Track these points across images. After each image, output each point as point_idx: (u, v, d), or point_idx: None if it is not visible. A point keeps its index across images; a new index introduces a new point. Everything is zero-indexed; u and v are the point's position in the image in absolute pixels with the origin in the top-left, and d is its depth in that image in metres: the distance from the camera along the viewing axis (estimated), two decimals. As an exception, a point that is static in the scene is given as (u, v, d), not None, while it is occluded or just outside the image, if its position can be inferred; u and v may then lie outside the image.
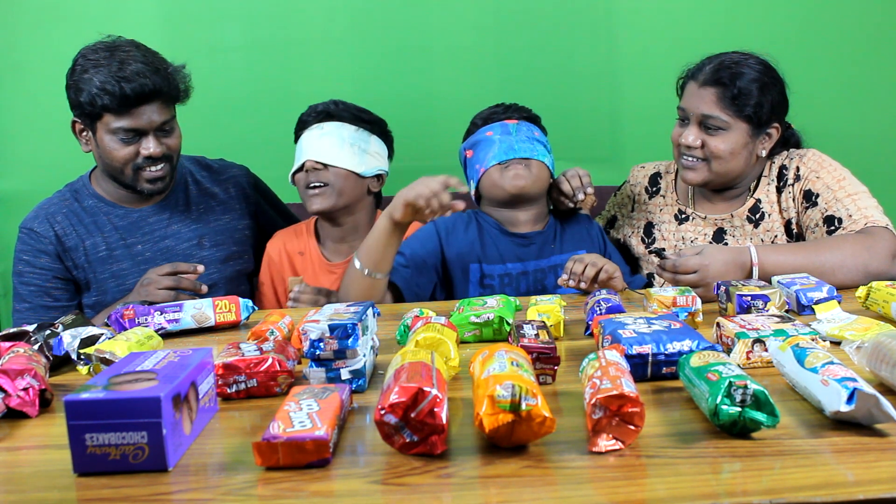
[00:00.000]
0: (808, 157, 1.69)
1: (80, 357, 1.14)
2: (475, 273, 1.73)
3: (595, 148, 2.40)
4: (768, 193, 1.70)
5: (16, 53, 2.30)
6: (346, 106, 1.85)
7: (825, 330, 1.11)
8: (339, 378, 0.98)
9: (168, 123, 1.68)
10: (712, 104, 1.63)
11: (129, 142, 1.65)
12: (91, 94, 1.60)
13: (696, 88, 1.66)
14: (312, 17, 2.34)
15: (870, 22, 2.34)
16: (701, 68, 1.68)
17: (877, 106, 2.37)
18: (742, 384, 0.76)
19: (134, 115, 1.62)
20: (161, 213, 1.79)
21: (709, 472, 0.71)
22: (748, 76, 1.63)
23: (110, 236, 1.76)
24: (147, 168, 1.68)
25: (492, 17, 2.36)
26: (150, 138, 1.65)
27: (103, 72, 1.59)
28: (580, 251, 1.75)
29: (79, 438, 0.75)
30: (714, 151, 1.64)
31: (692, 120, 1.66)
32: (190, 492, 0.73)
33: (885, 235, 1.52)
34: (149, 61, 1.64)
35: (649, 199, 1.87)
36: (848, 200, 1.59)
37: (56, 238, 1.74)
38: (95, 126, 1.65)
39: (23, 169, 2.33)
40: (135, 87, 1.59)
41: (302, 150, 1.82)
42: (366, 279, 1.54)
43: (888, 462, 0.71)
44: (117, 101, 1.59)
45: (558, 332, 1.23)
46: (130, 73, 1.59)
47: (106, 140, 1.65)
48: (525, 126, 1.76)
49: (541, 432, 0.75)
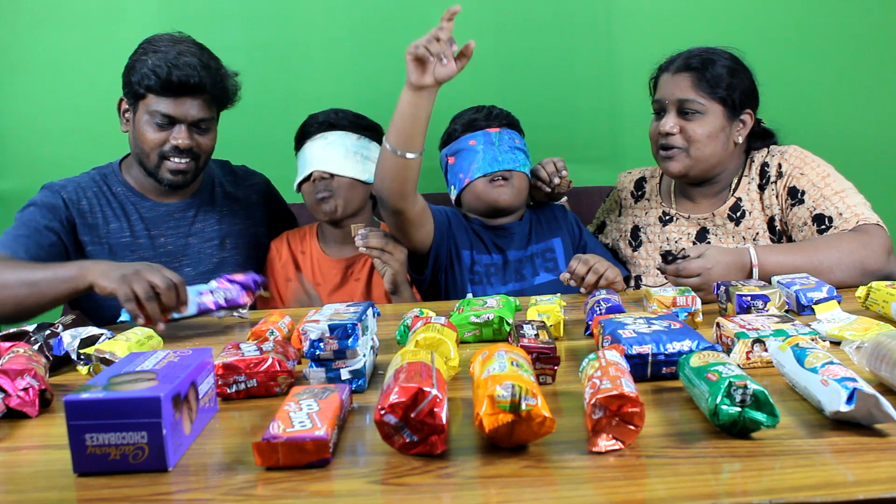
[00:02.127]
0: (790, 154, 1.69)
1: (80, 357, 1.14)
2: (467, 259, 1.77)
3: (595, 148, 2.40)
4: (749, 192, 1.71)
5: (16, 53, 2.29)
6: (346, 114, 1.86)
7: (825, 330, 1.11)
8: (339, 378, 0.98)
9: (205, 122, 1.72)
10: (688, 88, 1.66)
11: (162, 127, 1.68)
12: (141, 74, 1.65)
13: (671, 77, 1.69)
14: (313, 19, 2.34)
15: (866, 24, 2.34)
16: (672, 61, 1.72)
17: (872, 106, 2.37)
18: (742, 384, 0.76)
19: (174, 102, 1.66)
20: (188, 210, 1.81)
21: (709, 472, 0.71)
22: (719, 62, 1.67)
23: (136, 225, 1.77)
24: (171, 158, 1.70)
25: (492, 17, 2.36)
26: (182, 129, 1.68)
27: (160, 56, 1.65)
28: (555, 239, 1.81)
29: (79, 438, 0.75)
30: (692, 136, 1.66)
31: (669, 107, 1.68)
32: (190, 492, 0.73)
33: (879, 233, 1.53)
34: (203, 58, 1.69)
35: (635, 202, 1.90)
36: (836, 198, 1.60)
37: (79, 212, 1.73)
38: (137, 105, 1.69)
39: (23, 169, 2.33)
40: (181, 75, 1.64)
41: (307, 161, 1.83)
42: (398, 160, 1.51)
43: (888, 462, 0.71)
44: (161, 84, 1.64)
45: (558, 332, 1.23)
46: (182, 63, 1.65)
47: (143, 121, 1.68)
48: (507, 134, 1.78)
49: (541, 432, 0.75)
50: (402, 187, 1.55)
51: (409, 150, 1.51)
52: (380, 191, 1.58)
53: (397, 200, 1.56)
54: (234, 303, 1.47)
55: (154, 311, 1.32)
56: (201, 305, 1.42)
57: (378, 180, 1.58)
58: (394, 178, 1.54)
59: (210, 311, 1.44)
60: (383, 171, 1.55)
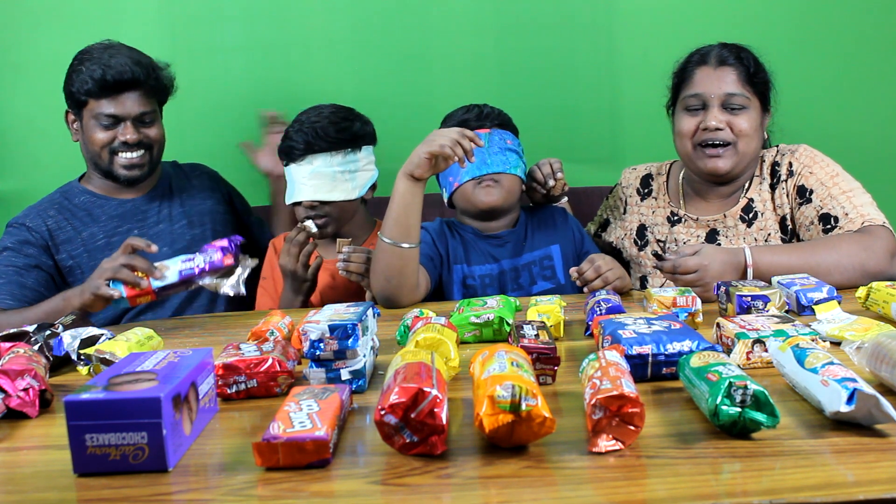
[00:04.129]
0: (801, 153, 1.68)
1: (80, 357, 1.14)
2: (458, 273, 1.75)
3: (595, 148, 2.40)
4: (761, 192, 1.70)
5: (15, 53, 2.30)
6: (326, 132, 1.80)
7: (825, 330, 1.11)
8: (339, 378, 0.98)
9: (148, 115, 1.79)
10: (733, 82, 1.63)
11: (108, 127, 1.75)
12: (79, 82, 1.73)
13: (713, 70, 1.65)
14: (313, 18, 2.34)
15: (869, 23, 2.34)
16: (707, 53, 1.68)
17: (873, 106, 2.37)
18: (742, 384, 0.76)
19: (115, 101, 1.74)
20: (152, 202, 1.89)
21: (709, 473, 0.71)
22: (751, 56, 1.67)
23: (107, 225, 1.82)
24: (121, 153, 1.78)
25: (492, 17, 2.35)
26: (127, 125, 1.76)
27: (93, 62, 1.73)
28: (553, 246, 1.78)
29: (79, 439, 0.75)
30: (741, 130, 1.63)
31: (713, 102, 1.63)
32: (190, 492, 0.73)
33: (883, 234, 1.51)
34: (133, 56, 1.76)
35: (641, 200, 1.86)
36: (843, 198, 1.59)
37: (48, 233, 1.78)
38: (82, 113, 1.77)
39: (23, 169, 2.33)
40: (115, 73, 1.72)
41: (294, 186, 1.82)
42: (396, 251, 1.52)
43: (888, 462, 0.71)
44: (99, 86, 1.71)
45: (558, 332, 1.23)
46: (114, 63, 1.73)
47: (90, 125, 1.76)
48: (497, 135, 1.75)
49: (541, 433, 0.75)
50: (402, 282, 1.53)
51: (409, 240, 1.53)
52: (382, 291, 1.54)
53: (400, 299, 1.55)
54: (216, 266, 1.49)
55: (131, 276, 1.45)
56: (183, 272, 1.47)
57: (380, 282, 1.54)
58: (395, 273, 1.52)
59: (194, 276, 1.47)
60: (383, 270, 1.53)
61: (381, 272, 1.55)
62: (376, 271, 1.56)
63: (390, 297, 1.55)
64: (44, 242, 1.77)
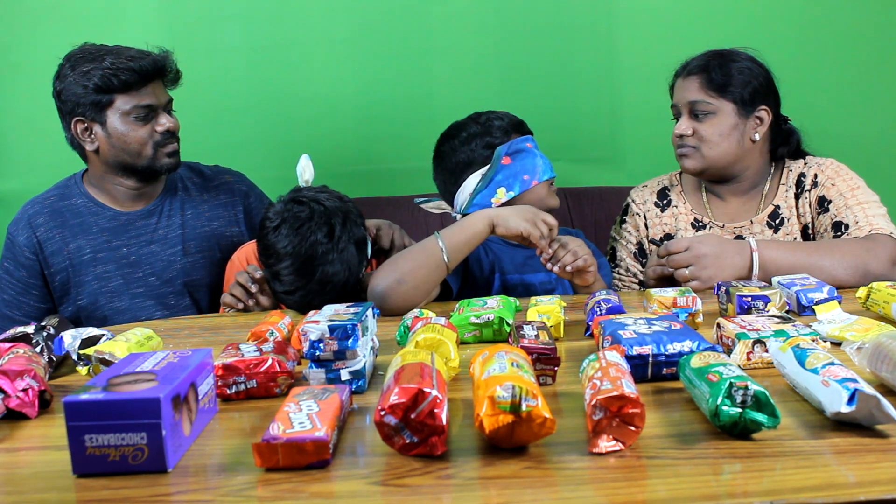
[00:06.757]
0: (827, 166, 1.71)
1: (80, 358, 1.14)
2: (497, 284, 1.72)
3: (595, 148, 2.40)
4: (787, 199, 1.73)
5: (15, 53, 2.30)
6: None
7: (826, 331, 1.11)
8: (339, 379, 0.98)
9: (171, 104, 1.74)
10: (696, 90, 1.68)
11: (145, 119, 1.67)
12: (101, 80, 1.62)
13: (682, 81, 1.72)
14: (313, 19, 2.34)
15: (871, 24, 2.34)
16: (686, 65, 1.74)
17: (873, 106, 2.37)
18: (743, 385, 0.76)
19: (145, 92, 1.66)
20: (149, 218, 1.79)
21: (709, 473, 0.71)
22: (729, 61, 1.69)
23: (96, 238, 1.76)
24: (167, 144, 1.71)
25: (492, 17, 2.36)
26: (163, 114, 1.69)
27: (106, 60, 1.63)
28: None
29: (78, 439, 0.75)
30: (704, 136, 1.67)
31: (683, 111, 1.71)
32: (189, 493, 0.73)
33: (887, 242, 1.54)
34: (138, 49, 1.69)
35: (661, 212, 1.84)
36: (857, 208, 1.62)
37: (38, 246, 1.74)
38: (104, 116, 1.66)
39: (23, 169, 2.33)
40: (144, 63, 1.64)
41: None
42: (442, 264, 1.53)
43: (889, 463, 0.71)
44: (135, 76, 1.63)
45: (558, 332, 1.22)
46: (134, 54, 1.66)
47: (120, 124, 1.66)
48: None
49: (541, 433, 0.75)
50: (409, 291, 1.51)
51: (455, 261, 1.54)
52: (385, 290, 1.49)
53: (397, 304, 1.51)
54: None
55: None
56: None
57: (389, 280, 1.49)
58: (429, 273, 1.52)
59: None
60: (405, 270, 1.50)
61: (399, 270, 1.50)
62: (396, 270, 1.51)
63: (388, 299, 1.52)
64: (34, 259, 1.75)
